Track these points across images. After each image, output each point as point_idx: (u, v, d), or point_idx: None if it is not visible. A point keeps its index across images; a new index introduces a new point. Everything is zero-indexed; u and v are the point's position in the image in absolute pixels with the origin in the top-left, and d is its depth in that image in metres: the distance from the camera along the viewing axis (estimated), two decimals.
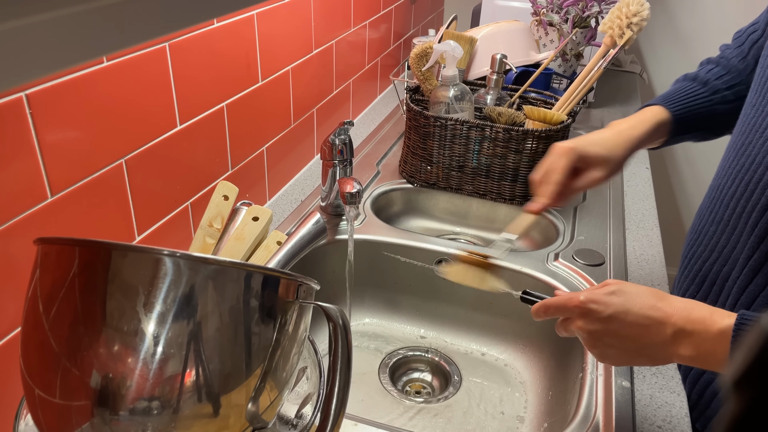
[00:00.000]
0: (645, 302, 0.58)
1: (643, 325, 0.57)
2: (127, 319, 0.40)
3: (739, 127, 0.75)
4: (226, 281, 0.42)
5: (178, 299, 0.41)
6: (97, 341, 0.40)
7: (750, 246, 0.69)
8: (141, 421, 0.41)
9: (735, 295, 0.71)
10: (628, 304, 0.58)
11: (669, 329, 0.56)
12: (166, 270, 0.40)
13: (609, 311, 0.59)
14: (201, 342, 0.41)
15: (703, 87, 0.83)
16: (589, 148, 0.74)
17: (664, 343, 0.57)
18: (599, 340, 0.60)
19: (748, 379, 0.23)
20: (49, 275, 0.43)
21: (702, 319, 0.55)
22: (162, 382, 0.40)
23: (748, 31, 0.83)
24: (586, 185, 0.75)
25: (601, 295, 0.60)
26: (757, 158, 0.68)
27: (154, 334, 0.40)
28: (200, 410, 0.42)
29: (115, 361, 0.40)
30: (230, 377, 0.43)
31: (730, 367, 0.24)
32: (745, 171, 0.70)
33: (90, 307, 0.41)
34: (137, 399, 0.40)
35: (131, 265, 0.41)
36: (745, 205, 0.70)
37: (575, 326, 0.62)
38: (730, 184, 0.73)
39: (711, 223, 0.76)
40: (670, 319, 0.56)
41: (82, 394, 0.41)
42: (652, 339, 0.57)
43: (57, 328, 0.42)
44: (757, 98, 0.71)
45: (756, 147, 0.69)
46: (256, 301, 0.44)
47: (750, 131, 0.71)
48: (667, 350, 0.57)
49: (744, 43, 0.82)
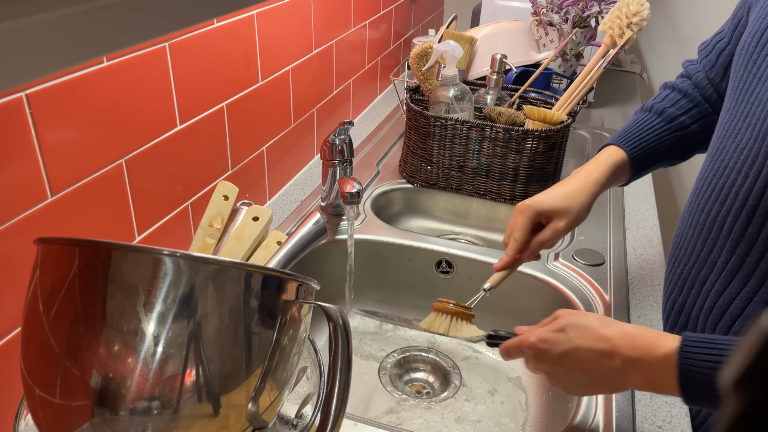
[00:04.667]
0: (592, 335, 0.59)
1: (592, 359, 0.58)
2: (127, 319, 0.40)
3: (716, 132, 0.75)
4: (226, 281, 0.42)
5: (178, 299, 0.41)
6: (97, 341, 0.40)
7: (727, 250, 0.69)
8: (141, 421, 0.41)
9: (713, 298, 0.71)
10: (576, 340, 0.59)
11: (617, 360, 0.57)
12: (166, 270, 0.40)
13: (559, 350, 0.60)
14: (201, 342, 0.41)
15: (659, 117, 0.85)
16: (545, 202, 0.77)
17: (616, 374, 0.57)
18: (555, 376, 0.62)
19: (748, 379, 0.23)
20: (49, 275, 0.43)
21: (646, 345, 0.56)
22: (162, 382, 0.40)
23: (713, 41, 0.84)
24: (549, 237, 0.77)
25: (550, 333, 0.61)
26: (730, 163, 0.69)
27: (154, 334, 0.40)
28: (200, 410, 0.42)
29: (115, 361, 0.40)
30: (230, 377, 0.43)
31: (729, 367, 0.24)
32: (719, 175, 0.71)
33: (90, 307, 0.41)
34: (137, 399, 0.40)
35: (131, 265, 0.41)
36: (719, 209, 0.70)
37: (532, 366, 0.64)
38: (706, 188, 0.74)
39: (690, 226, 0.77)
40: (617, 350, 0.57)
41: (82, 394, 0.41)
42: (604, 371, 0.58)
43: (57, 328, 0.42)
44: (732, 103, 0.72)
45: (729, 152, 0.70)
46: (256, 301, 0.44)
47: (724, 136, 0.72)
48: (620, 380, 0.58)
49: (711, 53, 0.84)
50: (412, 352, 1.01)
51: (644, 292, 0.93)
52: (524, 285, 0.97)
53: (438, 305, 0.76)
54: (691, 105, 0.85)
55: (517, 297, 0.99)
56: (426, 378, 0.97)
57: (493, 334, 0.70)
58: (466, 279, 1.02)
